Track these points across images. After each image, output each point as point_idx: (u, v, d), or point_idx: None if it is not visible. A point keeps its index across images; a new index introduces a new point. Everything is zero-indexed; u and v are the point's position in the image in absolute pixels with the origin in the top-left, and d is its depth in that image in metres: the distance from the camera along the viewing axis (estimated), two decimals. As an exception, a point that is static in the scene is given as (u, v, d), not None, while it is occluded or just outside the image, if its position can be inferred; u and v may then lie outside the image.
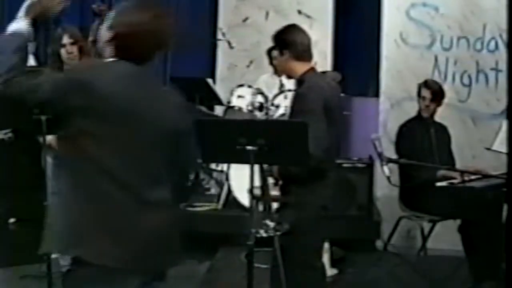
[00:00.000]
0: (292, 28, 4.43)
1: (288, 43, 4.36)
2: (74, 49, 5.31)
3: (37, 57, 6.92)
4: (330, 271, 5.71)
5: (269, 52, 6.75)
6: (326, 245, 5.71)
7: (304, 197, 4.16)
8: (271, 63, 6.87)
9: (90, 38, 5.29)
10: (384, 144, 5.90)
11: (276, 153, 3.70)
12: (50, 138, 5.05)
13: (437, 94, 5.81)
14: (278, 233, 4.10)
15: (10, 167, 5.86)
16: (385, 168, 5.48)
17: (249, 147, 3.63)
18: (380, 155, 5.71)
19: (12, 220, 6.04)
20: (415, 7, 6.90)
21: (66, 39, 5.30)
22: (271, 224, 4.09)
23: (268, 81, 6.96)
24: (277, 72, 6.83)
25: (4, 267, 5.84)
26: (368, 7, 7.46)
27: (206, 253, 6.13)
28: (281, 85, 6.78)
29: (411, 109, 6.00)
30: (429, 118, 5.84)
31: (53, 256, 5.01)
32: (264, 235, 4.10)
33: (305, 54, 4.38)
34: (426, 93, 5.80)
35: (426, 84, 5.85)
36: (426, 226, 5.82)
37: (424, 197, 5.55)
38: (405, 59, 6.87)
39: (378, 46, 6.99)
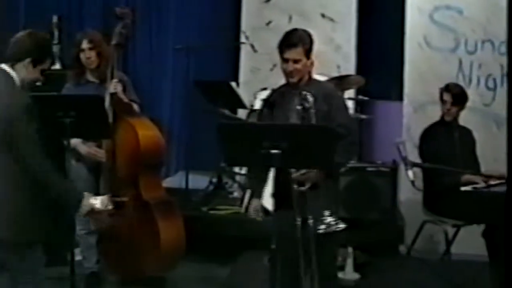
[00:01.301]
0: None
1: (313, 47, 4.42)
2: (93, 54, 5.33)
3: (61, 61, 6.98)
4: (353, 276, 5.70)
5: None
6: (350, 250, 5.70)
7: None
8: None
9: (113, 42, 5.32)
10: (408, 148, 5.89)
11: (300, 156, 3.70)
12: (74, 141, 5.08)
13: (459, 98, 5.78)
14: (338, 228, 4.09)
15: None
16: (409, 172, 5.47)
17: (272, 151, 3.64)
18: (404, 159, 5.70)
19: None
20: (438, 10, 6.86)
21: (85, 44, 5.33)
22: (331, 219, 4.08)
23: None
24: None
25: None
26: (392, 11, 7.43)
27: (228, 256, 6.13)
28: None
29: (435, 113, 5.97)
30: (453, 122, 5.81)
31: (77, 258, 5.05)
32: (322, 231, 4.08)
33: None
34: (447, 97, 5.77)
35: (447, 88, 5.82)
36: (450, 230, 5.78)
37: (448, 202, 5.52)
38: (429, 63, 6.84)
39: (401, 50, 6.96)
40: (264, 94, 6.66)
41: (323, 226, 4.07)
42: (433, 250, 6.36)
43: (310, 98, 4.22)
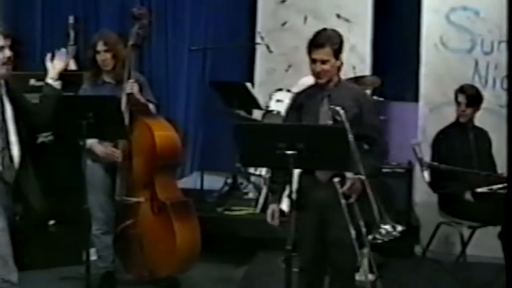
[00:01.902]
0: None
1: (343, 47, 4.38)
2: (108, 55, 5.35)
3: (77, 62, 6.99)
4: (368, 276, 5.68)
5: None
6: (366, 251, 5.68)
7: None
8: None
9: (130, 42, 5.33)
10: (424, 149, 5.87)
11: (316, 157, 3.69)
12: (90, 141, 5.10)
13: (473, 99, 5.76)
14: (394, 235, 4.08)
15: (50, 169, 5.91)
16: (425, 174, 5.46)
17: (288, 152, 3.64)
18: (420, 160, 5.68)
19: (51, 222, 6.08)
20: (455, 11, 6.83)
21: (100, 46, 5.34)
22: (388, 227, 4.06)
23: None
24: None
25: (44, 268, 5.90)
26: (408, 11, 7.40)
27: (243, 257, 6.13)
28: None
29: (451, 114, 5.95)
30: (468, 123, 5.79)
31: (92, 258, 5.07)
32: (380, 240, 4.07)
33: None
34: (462, 98, 5.76)
35: (461, 89, 5.81)
36: (466, 232, 5.76)
37: (463, 203, 5.50)
38: (445, 64, 6.81)
39: (417, 51, 6.94)
40: (280, 95, 6.69)
41: (379, 236, 4.06)
42: (448, 251, 6.34)
43: (341, 111, 4.13)
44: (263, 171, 6.57)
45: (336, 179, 4.12)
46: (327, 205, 4.20)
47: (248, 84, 6.89)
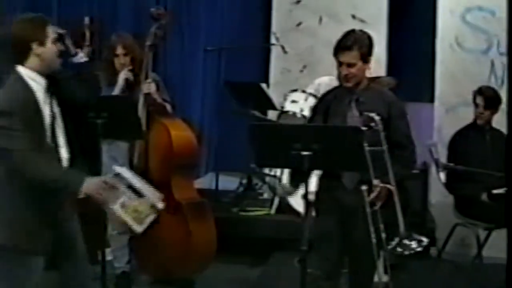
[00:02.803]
0: None
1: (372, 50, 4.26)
2: (127, 59, 5.37)
3: (93, 61, 7.03)
4: (383, 278, 5.67)
5: None
6: (380, 251, 5.67)
7: None
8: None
9: (148, 42, 5.33)
10: (439, 150, 5.85)
11: (331, 158, 3.69)
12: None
13: (492, 101, 5.73)
14: (416, 250, 4.04)
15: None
16: (442, 175, 5.43)
17: (304, 152, 3.63)
18: (436, 161, 5.66)
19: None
20: (470, 11, 6.81)
21: (119, 50, 5.36)
22: (413, 243, 4.03)
23: (330, 84, 6.94)
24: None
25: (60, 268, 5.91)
26: (423, 12, 7.39)
27: (258, 258, 6.13)
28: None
29: (467, 115, 5.93)
30: (485, 125, 5.77)
31: (108, 258, 5.08)
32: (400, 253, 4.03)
33: None
34: (479, 100, 5.74)
35: (480, 91, 5.79)
36: (482, 233, 5.74)
37: (479, 205, 5.48)
38: (461, 64, 6.79)
39: (433, 51, 6.92)
40: (295, 96, 6.67)
41: (401, 249, 4.03)
42: (464, 253, 6.32)
43: (377, 117, 4.03)
44: (278, 171, 6.57)
45: (364, 187, 4.03)
46: (352, 211, 4.15)
47: (263, 85, 6.88)
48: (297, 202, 6.15)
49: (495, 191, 5.35)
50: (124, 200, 3.48)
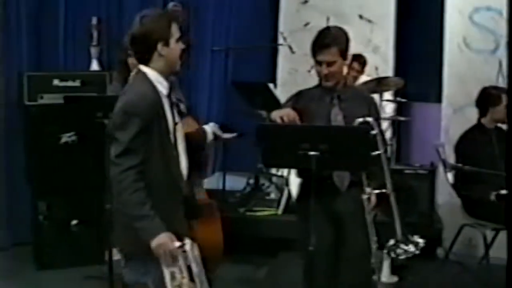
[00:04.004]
0: None
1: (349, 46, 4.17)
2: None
3: (100, 62, 7.03)
4: (391, 278, 5.67)
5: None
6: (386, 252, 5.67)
7: None
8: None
9: None
10: (447, 150, 5.84)
11: (338, 158, 3.68)
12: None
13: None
14: (414, 253, 3.99)
15: (74, 169, 5.95)
16: (449, 175, 5.42)
17: (311, 153, 3.63)
18: (444, 162, 5.65)
19: (74, 222, 6.12)
20: (478, 12, 6.79)
21: None
22: (410, 247, 3.97)
23: None
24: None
25: (67, 268, 5.93)
26: (431, 12, 7.38)
27: (265, 258, 6.13)
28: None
29: (474, 115, 5.90)
30: (490, 125, 5.75)
31: (115, 258, 5.08)
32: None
33: None
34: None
35: (484, 91, 5.77)
36: (489, 234, 5.72)
37: (487, 205, 5.47)
38: (469, 64, 6.77)
39: (440, 51, 6.91)
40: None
41: (398, 254, 3.95)
42: (471, 253, 6.31)
43: (370, 119, 3.94)
44: (285, 172, 6.57)
45: (364, 196, 3.96)
46: (346, 217, 4.09)
47: (270, 85, 6.87)
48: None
49: (503, 191, 5.33)
50: (175, 271, 3.35)
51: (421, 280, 5.77)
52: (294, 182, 6.27)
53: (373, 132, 3.90)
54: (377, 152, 3.90)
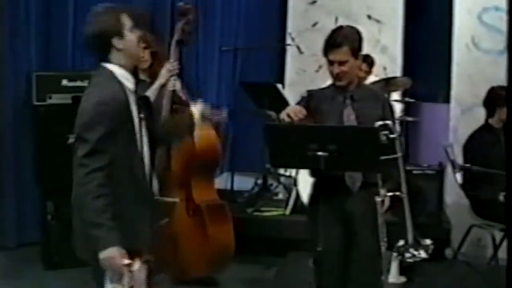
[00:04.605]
0: None
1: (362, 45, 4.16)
2: (146, 53, 5.37)
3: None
4: (399, 279, 5.65)
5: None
6: (395, 253, 5.66)
7: None
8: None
9: (176, 38, 5.29)
10: (455, 151, 5.82)
11: (347, 159, 3.67)
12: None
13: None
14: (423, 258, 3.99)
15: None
16: (458, 176, 5.40)
17: (320, 153, 3.62)
18: (452, 162, 5.64)
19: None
20: (487, 11, 6.77)
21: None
22: (421, 252, 3.96)
23: None
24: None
25: (75, 267, 5.93)
26: (439, 12, 7.37)
27: (273, 258, 6.13)
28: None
29: (483, 115, 5.89)
30: (498, 125, 5.74)
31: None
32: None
33: None
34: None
35: (492, 91, 5.76)
36: (498, 235, 5.71)
37: (496, 206, 5.45)
38: (477, 64, 6.76)
39: (449, 51, 6.89)
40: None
41: (408, 257, 3.95)
42: (480, 254, 6.29)
43: (389, 122, 3.91)
44: (293, 172, 6.56)
45: (378, 199, 3.93)
46: (356, 218, 4.05)
47: (279, 85, 6.88)
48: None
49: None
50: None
51: (430, 281, 5.75)
52: (305, 182, 6.27)
53: (392, 135, 3.87)
54: (395, 156, 3.88)
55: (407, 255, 3.92)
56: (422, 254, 3.93)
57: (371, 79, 6.91)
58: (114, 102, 3.23)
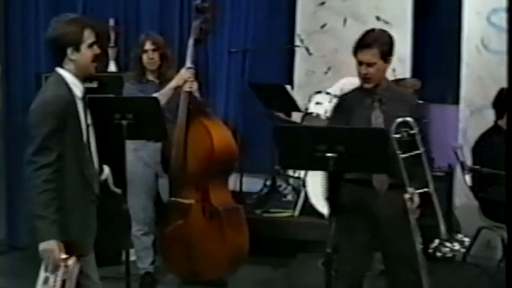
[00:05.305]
0: None
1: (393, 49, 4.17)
2: (156, 55, 5.39)
3: (118, 63, 7.06)
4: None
5: None
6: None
7: None
8: None
9: (192, 36, 5.28)
10: (465, 152, 5.81)
11: (356, 160, 3.67)
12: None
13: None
14: (459, 252, 4.01)
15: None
16: (467, 177, 5.39)
17: (329, 154, 3.62)
18: (462, 164, 5.62)
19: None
20: (496, 12, 6.76)
21: (148, 45, 5.39)
22: (456, 245, 3.98)
23: (355, 84, 6.93)
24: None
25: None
26: (448, 13, 7.34)
27: (282, 260, 6.12)
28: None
29: (492, 117, 5.88)
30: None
31: (132, 258, 5.10)
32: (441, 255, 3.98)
33: None
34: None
35: (501, 93, 5.74)
36: (507, 236, 5.69)
37: (505, 207, 5.43)
38: (486, 65, 6.74)
39: (458, 53, 6.88)
40: (319, 98, 6.67)
41: (443, 252, 3.97)
42: (489, 256, 6.28)
43: (410, 120, 3.91)
44: (302, 173, 6.56)
45: (406, 196, 3.94)
46: (385, 219, 4.05)
47: (287, 86, 6.89)
48: (320, 204, 6.13)
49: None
50: (50, 278, 3.47)
51: (438, 283, 5.72)
52: (314, 184, 6.27)
53: (412, 131, 3.89)
54: (416, 152, 3.90)
55: (445, 250, 3.91)
56: (457, 247, 3.94)
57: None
58: (59, 102, 3.44)
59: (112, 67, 7.05)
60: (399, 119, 3.92)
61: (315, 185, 6.24)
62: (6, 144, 6.80)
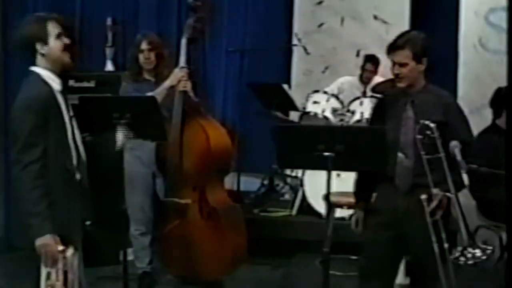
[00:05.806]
0: None
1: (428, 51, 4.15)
2: (152, 55, 5.38)
3: (115, 63, 7.05)
4: (404, 280, 5.64)
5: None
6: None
7: None
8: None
9: (185, 35, 5.27)
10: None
11: (354, 159, 3.68)
12: None
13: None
14: (481, 259, 3.94)
15: (88, 170, 5.95)
16: (465, 177, 5.38)
17: (327, 153, 3.62)
18: (459, 163, 5.61)
19: (88, 222, 6.12)
20: (494, 12, 6.77)
21: (144, 45, 5.38)
22: (477, 251, 3.92)
23: (353, 83, 6.95)
24: (363, 79, 6.85)
25: (86, 267, 5.94)
26: (446, 12, 7.35)
27: (280, 259, 6.12)
28: (364, 92, 6.77)
29: (490, 116, 5.88)
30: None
31: (129, 258, 5.10)
32: (463, 262, 3.93)
33: None
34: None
35: (499, 92, 5.75)
36: (505, 236, 5.69)
37: (503, 207, 5.43)
38: (484, 65, 6.75)
39: (456, 52, 6.88)
40: (317, 97, 6.68)
41: (465, 258, 3.91)
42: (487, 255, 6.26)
43: (432, 125, 3.89)
44: (299, 173, 6.56)
45: (423, 196, 3.91)
46: (407, 216, 4.01)
47: (285, 86, 6.89)
48: (318, 203, 6.13)
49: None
50: (52, 272, 3.53)
51: (436, 282, 5.73)
52: (309, 183, 6.26)
53: (432, 135, 3.86)
54: (437, 156, 3.88)
55: (468, 255, 3.89)
56: (479, 253, 3.88)
57: (377, 79, 6.91)
58: (39, 99, 3.51)
59: (109, 67, 7.05)
60: (426, 121, 3.89)
61: (313, 184, 6.24)
62: (5, 144, 6.79)
